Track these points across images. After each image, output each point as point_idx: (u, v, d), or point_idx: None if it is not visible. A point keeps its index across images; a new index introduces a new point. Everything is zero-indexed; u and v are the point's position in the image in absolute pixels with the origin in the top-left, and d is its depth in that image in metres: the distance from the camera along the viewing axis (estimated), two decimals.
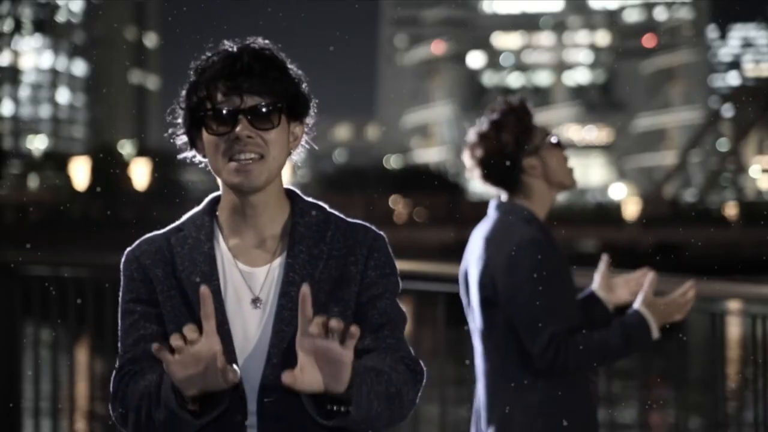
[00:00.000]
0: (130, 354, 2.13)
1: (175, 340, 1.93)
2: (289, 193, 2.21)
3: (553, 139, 3.36)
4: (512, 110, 3.33)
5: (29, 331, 5.79)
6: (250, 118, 2.09)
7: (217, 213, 2.19)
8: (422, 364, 2.15)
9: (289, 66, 2.15)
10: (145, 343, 2.11)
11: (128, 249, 2.19)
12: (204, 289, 1.97)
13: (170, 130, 2.19)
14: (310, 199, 2.22)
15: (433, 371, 2.07)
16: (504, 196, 3.37)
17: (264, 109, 2.09)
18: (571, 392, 3.23)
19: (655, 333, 3.21)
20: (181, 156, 2.21)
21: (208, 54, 2.15)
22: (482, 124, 3.35)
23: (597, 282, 3.39)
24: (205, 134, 2.12)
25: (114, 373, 2.13)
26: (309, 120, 2.20)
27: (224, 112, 2.09)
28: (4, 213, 49.73)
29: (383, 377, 2.04)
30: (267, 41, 2.16)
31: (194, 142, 2.17)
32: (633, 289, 3.36)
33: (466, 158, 3.37)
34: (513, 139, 3.30)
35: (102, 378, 5.94)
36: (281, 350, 2.07)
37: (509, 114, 3.33)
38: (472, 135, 3.36)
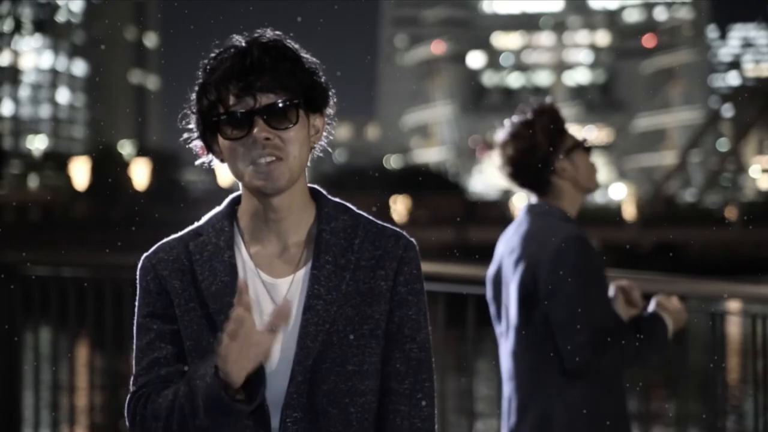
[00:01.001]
0: (144, 378, 2.03)
1: (240, 307, 1.85)
2: (314, 193, 2.09)
3: (586, 143, 3.36)
4: (545, 111, 3.32)
5: (29, 331, 5.79)
6: (266, 119, 1.97)
7: (238, 215, 2.08)
8: (434, 418, 2.07)
9: (303, 55, 2.02)
10: (160, 367, 2.02)
11: (145, 255, 2.07)
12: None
13: (184, 135, 2.07)
14: (337, 200, 2.10)
15: None
16: (534, 198, 3.36)
17: (280, 105, 1.97)
18: (609, 390, 3.22)
19: (670, 334, 3.23)
20: (198, 162, 2.10)
21: (217, 51, 2.02)
22: (514, 123, 3.32)
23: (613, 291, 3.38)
24: (221, 139, 2.00)
25: (129, 397, 2.03)
26: (329, 110, 2.08)
27: (238, 115, 1.97)
28: (4, 213, 49.72)
29: None
30: (278, 32, 2.03)
31: (210, 147, 2.05)
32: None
33: (496, 156, 3.35)
34: (546, 141, 3.29)
35: (101, 378, 5.93)
36: (306, 367, 1.99)
37: (542, 115, 3.31)
38: (503, 133, 3.33)
